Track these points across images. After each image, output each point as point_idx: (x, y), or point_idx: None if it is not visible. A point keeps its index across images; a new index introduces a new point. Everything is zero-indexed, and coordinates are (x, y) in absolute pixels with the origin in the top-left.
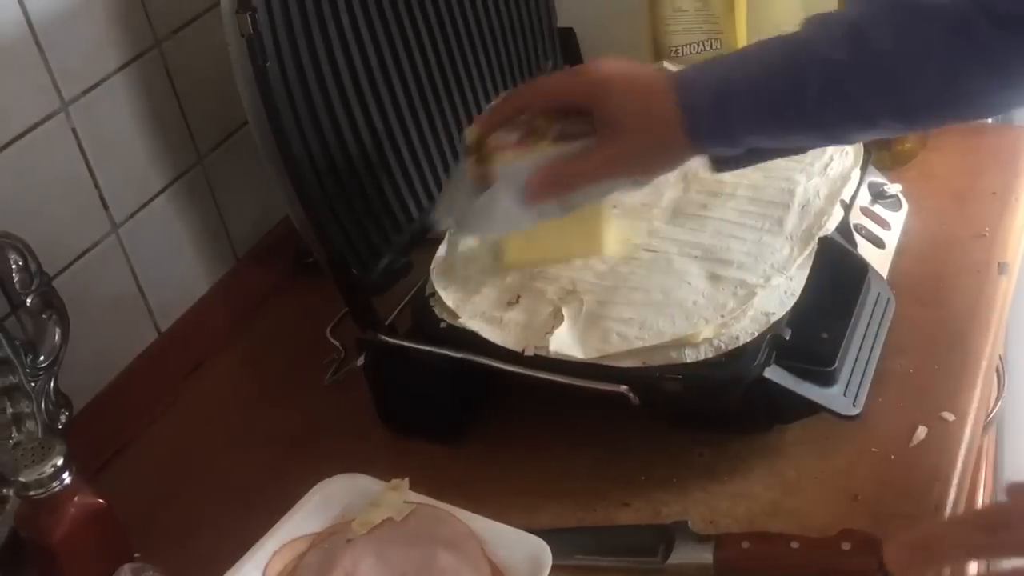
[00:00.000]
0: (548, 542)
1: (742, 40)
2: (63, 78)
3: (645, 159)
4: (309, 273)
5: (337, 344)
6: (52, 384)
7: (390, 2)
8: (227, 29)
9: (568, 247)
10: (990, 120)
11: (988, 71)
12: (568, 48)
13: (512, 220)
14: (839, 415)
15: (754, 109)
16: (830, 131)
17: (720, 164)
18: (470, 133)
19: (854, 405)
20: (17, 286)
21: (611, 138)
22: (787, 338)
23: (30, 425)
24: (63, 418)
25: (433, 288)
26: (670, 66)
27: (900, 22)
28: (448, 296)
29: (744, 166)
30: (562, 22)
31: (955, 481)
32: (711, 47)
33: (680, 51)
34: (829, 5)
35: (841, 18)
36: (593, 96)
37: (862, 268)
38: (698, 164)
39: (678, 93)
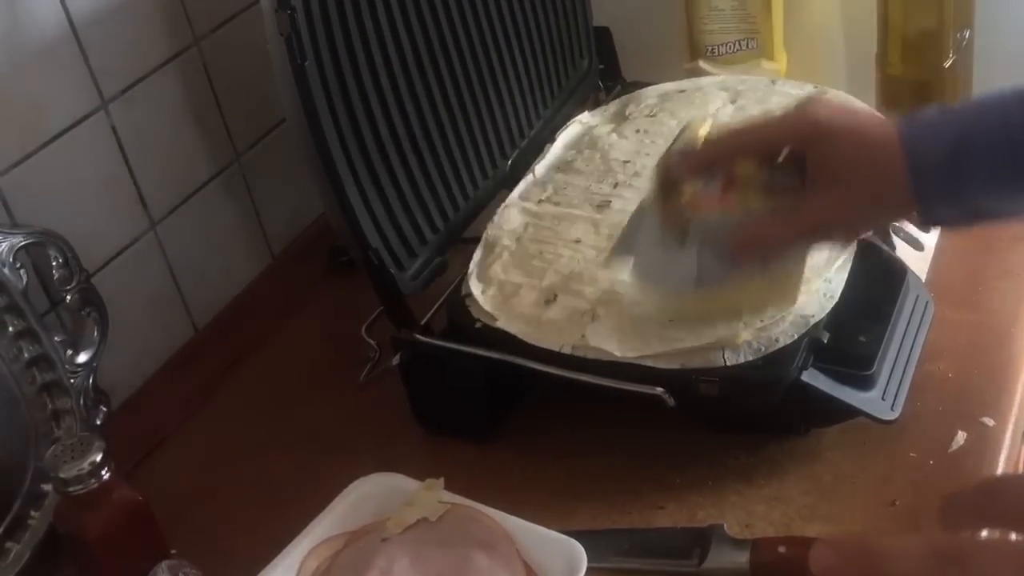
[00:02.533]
0: (583, 544)
1: (779, 40)
2: (103, 76)
3: (860, 215)
4: (344, 271)
5: (372, 343)
6: (91, 381)
7: (428, 2)
8: (266, 28)
9: (758, 300)
10: None
11: None
12: (604, 47)
13: (708, 276)
14: (877, 419)
15: (992, 167)
16: None
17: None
18: (657, 173)
19: (892, 409)
20: (57, 283)
21: (825, 189)
22: (825, 341)
23: (69, 421)
24: (101, 414)
25: (469, 290)
26: (706, 65)
27: None
28: (485, 299)
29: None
30: (598, 21)
31: None
32: (747, 47)
33: (716, 50)
34: (868, 6)
35: None
36: (808, 141)
37: (900, 271)
38: None
39: (906, 145)
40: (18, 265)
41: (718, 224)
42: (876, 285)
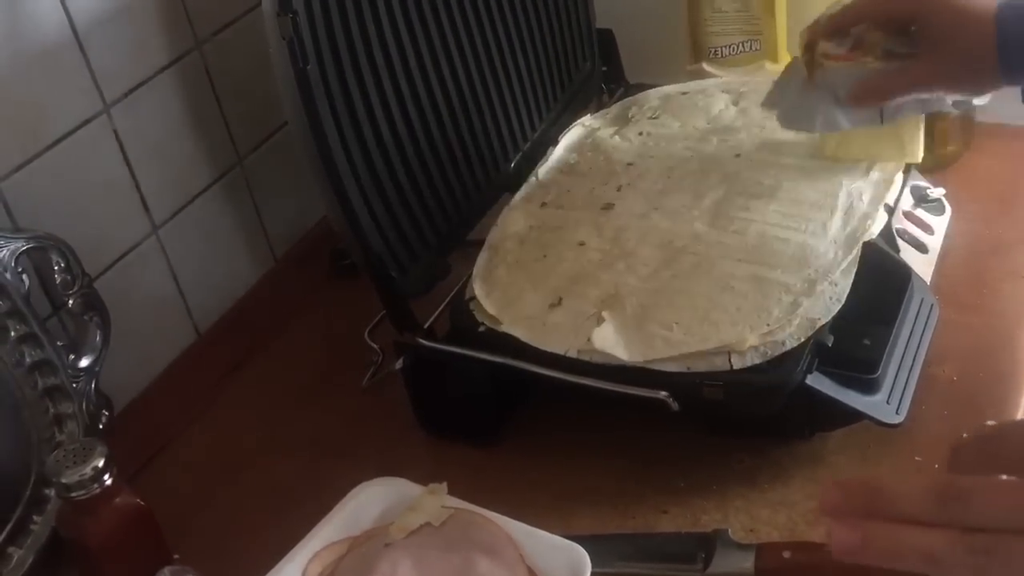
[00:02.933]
0: (586, 548)
1: (782, 41)
2: (105, 80)
3: (956, 81)
4: (346, 275)
5: (375, 347)
6: (93, 385)
7: (429, 5)
8: (268, 32)
9: (881, 151)
10: None
11: None
12: (607, 49)
13: (831, 122)
14: (882, 423)
15: None
16: None
17: None
18: (804, 35)
19: (897, 413)
20: (59, 287)
21: (928, 56)
22: (829, 345)
23: (71, 426)
24: (104, 419)
25: (473, 293)
26: (709, 67)
27: None
28: (490, 303)
29: None
30: (600, 23)
31: None
32: (751, 48)
33: (720, 52)
34: None
35: None
36: (918, 13)
37: (905, 273)
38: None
39: (997, 20)
40: (20, 269)
41: (841, 75)
42: (881, 288)
